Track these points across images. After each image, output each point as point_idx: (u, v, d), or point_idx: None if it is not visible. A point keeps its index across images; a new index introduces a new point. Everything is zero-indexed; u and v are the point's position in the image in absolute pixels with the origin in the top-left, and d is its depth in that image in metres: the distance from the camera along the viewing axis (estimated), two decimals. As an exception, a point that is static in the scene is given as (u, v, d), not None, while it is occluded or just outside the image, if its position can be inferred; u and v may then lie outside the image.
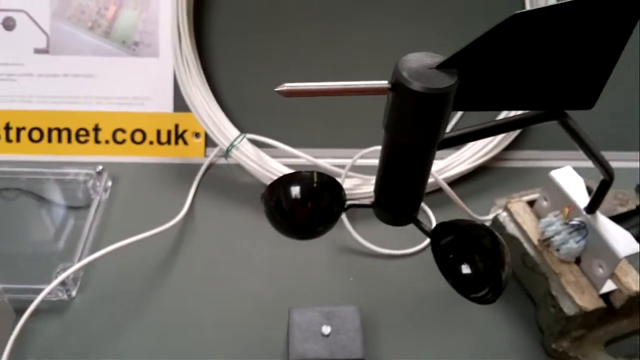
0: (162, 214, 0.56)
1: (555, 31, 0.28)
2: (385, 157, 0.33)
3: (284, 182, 0.34)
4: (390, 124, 0.30)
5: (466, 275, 0.33)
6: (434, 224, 0.58)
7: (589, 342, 0.49)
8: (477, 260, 0.32)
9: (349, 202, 0.36)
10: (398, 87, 0.29)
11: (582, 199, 0.47)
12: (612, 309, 0.48)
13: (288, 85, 0.28)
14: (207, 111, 0.59)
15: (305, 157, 0.59)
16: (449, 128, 0.31)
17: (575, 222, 0.47)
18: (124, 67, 0.63)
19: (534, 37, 0.28)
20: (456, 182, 0.62)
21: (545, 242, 0.49)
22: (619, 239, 0.45)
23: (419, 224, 0.35)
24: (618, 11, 0.28)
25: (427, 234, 0.35)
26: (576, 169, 0.51)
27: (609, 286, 0.48)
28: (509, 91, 0.31)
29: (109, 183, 0.60)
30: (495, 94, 0.31)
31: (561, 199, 0.49)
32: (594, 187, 0.46)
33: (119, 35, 0.62)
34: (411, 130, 0.30)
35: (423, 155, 0.32)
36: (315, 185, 0.34)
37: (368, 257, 0.56)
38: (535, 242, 0.50)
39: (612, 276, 0.48)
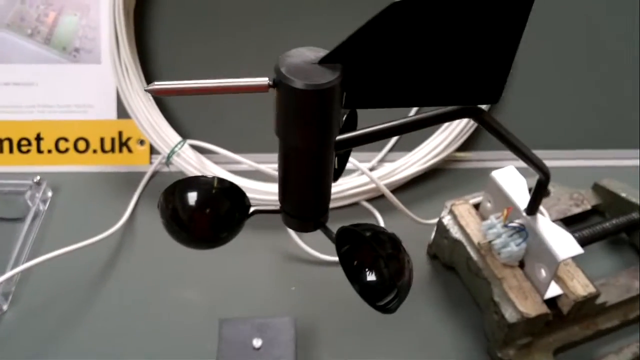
0: (102, 223, 0.54)
1: (442, 21, 0.26)
2: (282, 162, 0.31)
3: (180, 188, 0.32)
4: (279, 126, 0.29)
5: (368, 282, 0.31)
6: (383, 229, 0.57)
7: (537, 349, 0.47)
8: (378, 267, 0.30)
9: (253, 208, 0.34)
10: (278, 84, 0.27)
11: (523, 200, 0.45)
12: (560, 315, 0.46)
13: (158, 84, 0.26)
14: (147, 118, 0.58)
15: (247, 163, 0.57)
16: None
17: (515, 224, 0.45)
18: (66, 75, 0.61)
19: (418, 27, 0.26)
20: (408, 184, 0.60)
21: (487, 246, 0.47)
22: (560, 241, 0.43)
23: (325, 230, 0.33)
24: (508, 2, 0.26)
25: (332, 240, 0.33)
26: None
27: (555, 291, 0.46)
28: (404, 86, 0.29)
29: (49, 193, 0.58)
30: (390, 89, 0.29)
31: (503, 200, 0.47)
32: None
33: (60, 41, 0.61)
34: (299, 131, 0.28)
35: (318, 158, 0.30)
36: (214, 191, 0.32)
37: (313, 265, 0.54)
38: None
39: (558, 280, 0.46)
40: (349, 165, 0.54)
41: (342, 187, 0.57)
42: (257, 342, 0.44)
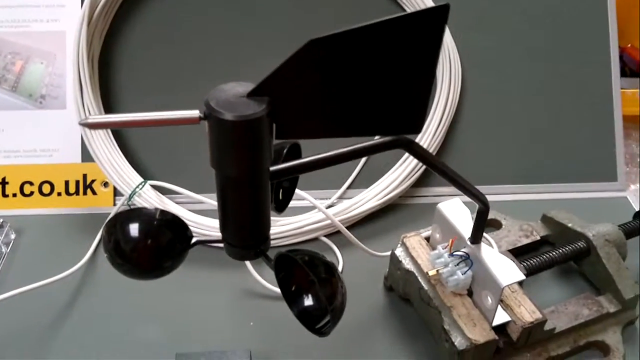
0: (63, 264, 0.55)
1: (358, 54, 0.28)
2: (220, 193, 0.32)
3: (121, 221, 0.34)
4: (213, 157, 0.30)
5: (305, 306, 0.32)
6: (341, 264, 0.58)
7: (489, 377, 0.48)
8: (313, 291, 0.32)
9: (195, 239, 0.35)
10: (208, 117, 0.29)
11: (467, 230, 0.47)
12: (511, 342, 0.47)
13: (92, 118, 0.28)
14: (110, 160, 0.59)
15: (209, 203, 0.58)
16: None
17: (459, 253, 0.46)
18: (32, 120, 0.63)
19: (336, 60, 0.28)
20: (366, 219, 0.61)
21: (435, 275, 0.48)
22: (503, 268, 0.45)
23: (265, 258, 0.35)
24: (421, 32, 0.28)
25: (272, 267, 0.34)
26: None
27: (503, 317, 0.47)
28: (330, 117, 0.31)
29: (12, 236, 0.59)
30: (317, 120, 0.31)
31: (450, 230, 0.48)
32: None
33: (26, 89, 0.63)
34: (231, 161, 0.30)
35: (252, 186, 0.31)
36: (155, 222, 0.34)
37: (272, 300, 0.54)
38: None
39: (507, 307, 0.48)
40: (308, 203, 0.57)
41: (301, 223, 0.58)
42: (210, 376, 0.44)
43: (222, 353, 0.46)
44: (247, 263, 0.55)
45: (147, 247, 0.33)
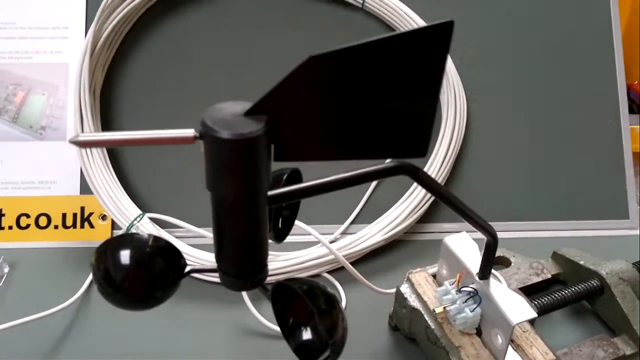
0: (57, 298, 0.53)
1: (361, 72, 0.27)
2: (215, 218, 0.31)
3: (112, 247, 0.32)
4: (209, 179, 0.29)
5: (303, 339, 0.30)
6: (344, 302, 0.56)
7: (500, 422, 0.45)
8: (312, 324, 0.30)
9: (189, 267, 0.34)
10: (204, 136, 0.27)
11: (476, 265, 0.45)
12: (523, 385, 0.45)
13: (83, 136, 0.27)
14: (109, 193, 0.58)
15: (210, 237, 0.57)
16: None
17: (468, 289, 0.44)
18: (31, 152, 0.62)
19: (336, 79, 0.27)
20: (370, 255, 0.59)
21: (442, 313, 0.46)
22: (513, 305, 0.42)
23: (262, 288, 0.33)
24: (425, 49, 0.27)
25: (269, 298, 0.32)
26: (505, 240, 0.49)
27: (513, 359, 0.44)
28: (331, 139, 0.29)
29: (6, 269, 0.57)
30: (317, 142, 0.29)
31: (457, 265, 0.46)
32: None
33: (27, 120, 0.62)
34: (228, 183, 0.28)
35: (249, 211, 0.30)
36: (148, 249, 0.32)
37: (272, 339, 0.52)
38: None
39: (517, 348, 0.45)
40: (310, 238, 0.55)
41: (303, 258, 0.56)
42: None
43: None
44: (246, 299, 0.53)
45: (139, 275, 0.31)
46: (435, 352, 0.47)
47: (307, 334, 0.30)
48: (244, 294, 0.53)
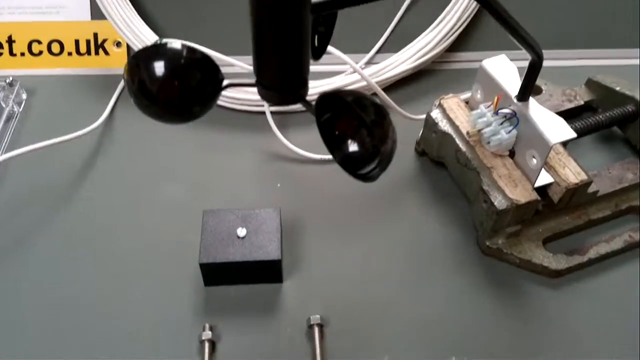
0: (80, 124, 0.52)
1: None
2: (256, 28, 0.28)
3: (144, 58, 0.30)
4: None
5: (350, 150, 0.29)
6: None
7: (526, 238, 0.46)
8: (360, 135, 0.29)
9: (227, 81, 0.32)
10: None
11: (514, 88, 0.44)
12: (551, 204, 0.45)
13: None
14: (123, 17, 0.55)
15: (239, 65, 0.54)
16: None
17: (505, 110, 0.43)
18: (36, -28, 0.58)
19: None
20: (397, 85, 0.58)
21: (476, 135, 0.45)
22: (551, 125, 0.42)
23: (305, 103, 0.31)
24: None
25: (312, 112, 0.31)
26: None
27: (546, 179, 0.45)
28: None
29: (23, 95, 0.56)
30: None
31: (494, 89, 0.45)
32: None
33: None
34: None
35: (293, 18, 0.28)
36: (183, 61, 0.30)
37: (299, 163, 0.52)
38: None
39: (550, 169, 0.45)
40: (337, 67, 0.53)
41: (330, 87, 0.55)
42: (241, 232, 0.43)
43: (251, 210, 0.44)
44: (272, 125, 0.52)
45: (176, 88, 0.30)
46: (465, 174, 0.47)
47: (353, 146, 0.29)
48: (270, 120, 0.53)
